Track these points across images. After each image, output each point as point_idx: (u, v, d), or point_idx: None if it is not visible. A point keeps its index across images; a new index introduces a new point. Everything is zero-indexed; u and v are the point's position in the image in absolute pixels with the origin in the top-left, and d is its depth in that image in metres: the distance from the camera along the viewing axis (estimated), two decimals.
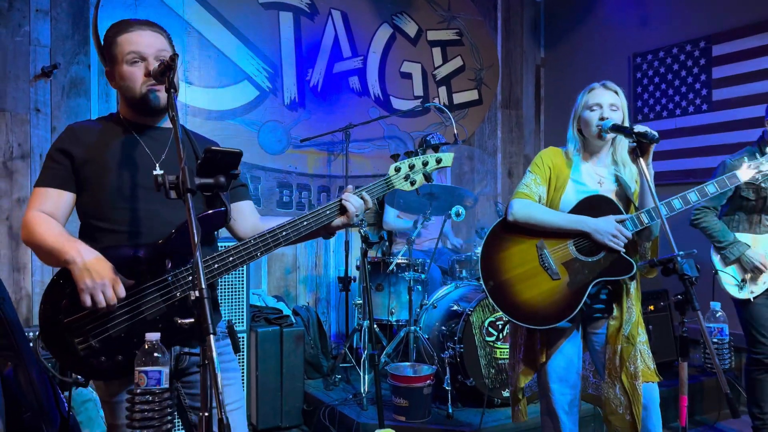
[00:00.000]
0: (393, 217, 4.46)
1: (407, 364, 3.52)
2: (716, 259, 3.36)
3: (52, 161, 1.78)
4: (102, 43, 3.93)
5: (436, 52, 5.34)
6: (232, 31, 4.42)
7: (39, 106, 3.87)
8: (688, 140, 4.67)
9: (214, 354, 1.26)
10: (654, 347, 4.08)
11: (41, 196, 1.76)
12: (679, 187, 2.33)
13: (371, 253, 4.12)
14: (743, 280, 3.29)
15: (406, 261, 3.87)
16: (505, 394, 3.45)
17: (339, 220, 1.86)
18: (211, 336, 1.28)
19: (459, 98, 5.44)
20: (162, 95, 1.79)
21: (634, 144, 2.20)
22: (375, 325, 3.85)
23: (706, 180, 3.28)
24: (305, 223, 1.83)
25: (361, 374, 3.64)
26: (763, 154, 3.19)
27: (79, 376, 1.71)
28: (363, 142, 4.92)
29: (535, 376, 2.48)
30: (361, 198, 1.86)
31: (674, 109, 4.79)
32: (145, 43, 1.78)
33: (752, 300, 3.29)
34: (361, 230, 3.45)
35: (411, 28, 5.21)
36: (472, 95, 5.52)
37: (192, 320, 1.32)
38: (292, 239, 1.82)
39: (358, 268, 4.30)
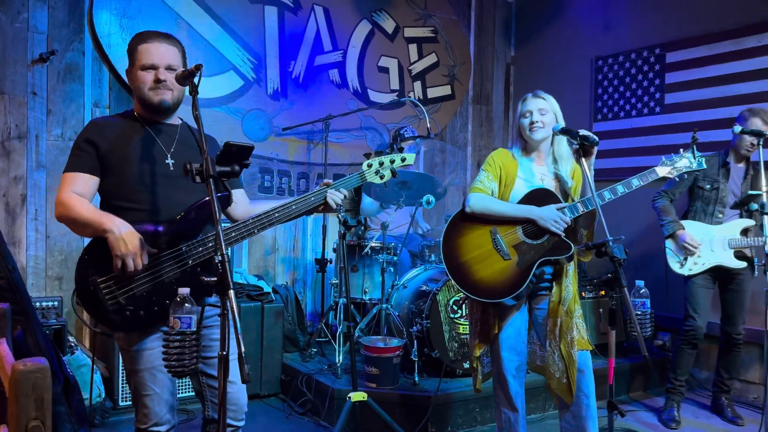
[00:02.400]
0: (369, 202, 4.86)
1: (379, 337, 3.94)
2: (668, 242, 3.95)
3: (80, 150, 2.14)
4: (100, 41, 4.25)
5: (413, 48, 5.74)
6: (220, 23, 4.75)
7: (35, 89, 4.16)
8: (642, 140, 5.16)
9: (234, 304, 1.65)
10: (605, 328, 4.60)
11: (72, 179, 2.11)
12: None
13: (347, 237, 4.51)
14: (685, 259, 3.88)
15: (380, 245, 4.27)
16: (466, 365, 3.89)
17: (321, 207, 2.28)
18: (231, 291, 1.67)
19: (433, 93, 5.85)
20: (170, 99, 2.17)
21: (577, 146, 2.63)
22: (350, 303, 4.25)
23: None
24: (294, 207, 2.24)
25: (336, 347, 4.05)
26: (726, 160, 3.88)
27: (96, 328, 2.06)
28: (341, 132, 5.30)
29: (486, 352, 2.91)
30: (340, 191, 2.29)
31: (630, 111, 5.27)
32: (158, 54, 2.15)
33: (692, 278, 3.89)
34: (340, 215, 3.83)
35: (389, 25, 5.59)
36: (446, 90, 5.93)
37: (215, 278, 1.70)
38: (283, 220, 2.23)
39: (335, 250, 4.70)
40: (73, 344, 3.88)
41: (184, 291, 1.72)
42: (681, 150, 2.79)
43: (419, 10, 5.75)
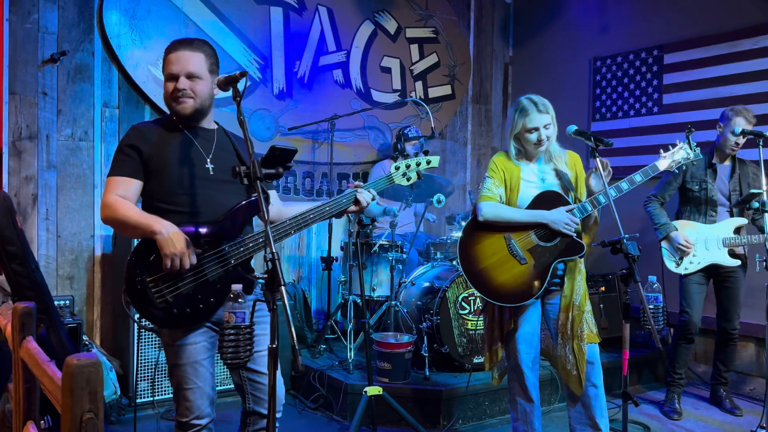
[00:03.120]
0: (374, 204, 4.97)
1: (390, 333, 4.07)
2: (663, 244, 4.10)
3: (123, 155, 2.23)
4: (110, 41, 4.32)
5: (414, 48, 5.86)
6: (227, 24, 4.84)
7: (46, 90, 4.22)
8: (640, 139, 5.33)
9: (286, 300, 1.76)
10: (605, 324, 4.76)
11: (116, 183, 2.21)
12: None
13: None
14: (680, 258, 4.03)
15: (388, 242, 4.39)
16: (475, 360, 4.02)
17: (352, 208, 2.40)
18: (283, 287, 1.78)
19: (434, 93, 5.98)
20: (189, 108, 2.26)
21: (593, 147, 2.78)
22: (359, 300, 4.37)
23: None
24: (327, 208, 2.35)
25: (347, 343, 4.16)
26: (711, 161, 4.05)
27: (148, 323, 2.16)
28: (345, 132, 5.41)
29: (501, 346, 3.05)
30: (369, 191, 2.42)
31: (628, 111, 5.44)
32: (179, 63, 2.24)
33: (687, 276, 4.06)
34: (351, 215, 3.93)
35: (391, 26, 5.70)
36: (446, 90, 6.06)
37: (266, 275, 1.81)
38: (317, 220, 2.35)
39: (342, 248, 4.81)
40: (87, 343, 3.96)
41: (237, 287, 1.83)
42: (678, 141, 2.94)
43: (420, 10, 5.87)
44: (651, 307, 2.65)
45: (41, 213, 4.23)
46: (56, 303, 3.96)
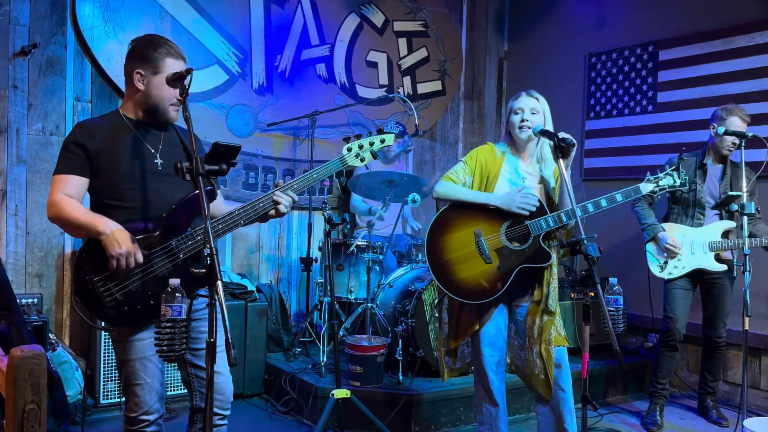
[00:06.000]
0: (360, 202, 5.13)
1: (364, 336, 4.21)
2: (649, 246, 4.22)
3: (68, 152, 2.37)
4: (83, 34, 4.46)
5: (402, 42, 6.00)
6: (205, 16, 5.00)
7: (17, 83, 4.40)
8: (634, 138, 5.45)
9: (221, 295, 1.90)
10: (592, 330, 4.88)
11: (62, 181, 2.34)
12: (623, 182, 3.01)
13: (333, 235, 4.77)
14: (665, 263, 4.14)
15: (365, 243, 4.54)
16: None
17: (272, 212, 2.47)
18: (219, 282, 1.92)
19: (423, 88, 6.12)
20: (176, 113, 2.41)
21: (558, 146, 2.90)
22: (335, 303, 4.52)
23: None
24: (245, 213, 2.42)
25: (320, 346, 4.31)
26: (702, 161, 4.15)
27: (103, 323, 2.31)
28: (328, 128, 5.56)
29: (465, 342, 3.18)
30: (287, 194, 2.49)
31: (623, 109, 5.56)
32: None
33: (671, 281, 4.16)
34: (324, 212, 4.08)
35: (378, 19, 5.85)
36: (436, 86, 6.20)
37: (204, 270, 1.96)
38: (234, 227, 2.42)
39: (320, 249, 4.96)
40: (54, 341, 4.13)
41: (175, 282, 1.97)
42: (667, 167, 3.04)
43: (409, 3, 6.01)
44: (611, 309, 2.77)
45: (10, 209, 4.40)
46: (24, 301, 4.14)
